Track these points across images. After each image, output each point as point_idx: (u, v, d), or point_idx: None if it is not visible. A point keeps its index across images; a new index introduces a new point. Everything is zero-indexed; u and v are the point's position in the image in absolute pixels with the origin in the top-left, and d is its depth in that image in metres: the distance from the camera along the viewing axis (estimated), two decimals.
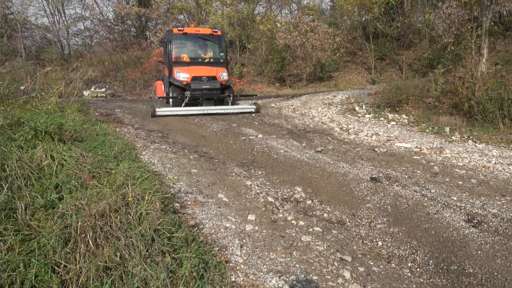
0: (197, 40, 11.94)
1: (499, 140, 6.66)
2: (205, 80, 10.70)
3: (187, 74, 10.69)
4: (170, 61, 11.23)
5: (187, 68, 10.99)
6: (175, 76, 10.79)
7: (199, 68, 11.19)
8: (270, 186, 5.01)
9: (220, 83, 10.83)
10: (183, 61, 11.41)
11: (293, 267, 3.17)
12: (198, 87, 10.46)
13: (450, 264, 3.18)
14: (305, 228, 3.89)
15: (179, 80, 10.69)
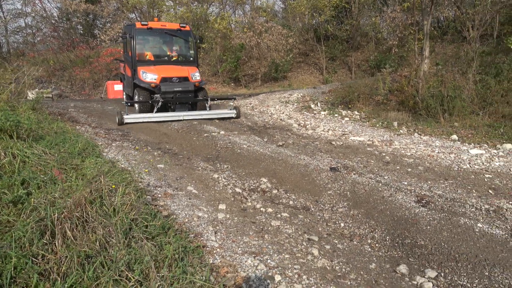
0: (163, 36, 10.70)
1: (441, 132, 7.36)
2: (176, 81, 9.58)
3: (155, 74, 9.47)
4: (133, 60, 9.93)
5: (155, 68, 9.79)
6: (141, 77, 9.52)
7: (168, 67, 10.06)
8: (236, 178, 5.20)
9: (193, 84, 9.69)
10: (148, 59, 10.19)
11: (266, 248, 3.39)
12: (169, 90, 9.26)
13: (404, 239, 3.56)
14: (274, 214, 4.12)
15: (146, 82, 9.44)
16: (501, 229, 3.58)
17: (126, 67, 10.80)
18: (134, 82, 9.77)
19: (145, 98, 9.34)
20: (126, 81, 11.01)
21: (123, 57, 11.14)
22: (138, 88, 9.66)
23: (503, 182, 4.67)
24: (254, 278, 2.93)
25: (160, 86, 9.24)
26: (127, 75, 10.70)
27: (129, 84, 10.53)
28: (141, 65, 9.82)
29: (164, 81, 9.41)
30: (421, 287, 2.87)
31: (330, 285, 2.87)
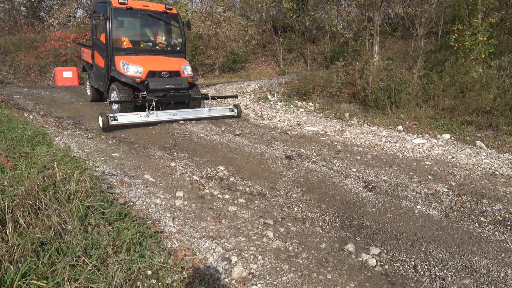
0: (146, 18, 8.72)
1: (388, 123, 7.83)
2: (166, 76, 7.86)
3: (139, 67, 7.65)
4: (109, 47, 7.98)
5: (138, 58, 7.95)
6: (121, 69, 7.69)
7: (154, 59, 8.20)
8: (194, 167, 5.25)
9: (186, 80, 8.04)
10: (127, 47, 8.28)
11: (223, 232, 3.51)
12: (159, 87, 7.59)
13: (352, 220, 3.83)
14: (231, 200, 4.25)
15: (128, 76, 7.61)
16: (437, 210, 3.96)
17: (95, 55, 8.87)
18: (110, 75, 7.95)
19: (126, 95, 7.61)
20: (95, 72, 9.11)
21: (92, 43, 9.04)
22: (116, 83, 7.79)
23: (440, 169, 5.11)
24: (211, 260, 3.05)
25: (148, 82, 7.52)
26: (97, 65, 8.81)
27: (100, 77, 8.70)
28: (120, 54, 7.98)
29: (151, 76, 7.68)
30: (365, 263, 3.13)
31: (284, 264, 3.05)
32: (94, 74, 9.22)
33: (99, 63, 8.65)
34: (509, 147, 5.91)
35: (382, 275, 2.98)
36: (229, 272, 2.90)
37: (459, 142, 6.37)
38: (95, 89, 9.56)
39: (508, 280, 2.84)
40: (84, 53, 10.40)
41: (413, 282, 2.87)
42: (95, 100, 9.82)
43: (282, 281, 2.83)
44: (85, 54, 10.15)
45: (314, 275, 2.92)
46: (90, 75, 9.66)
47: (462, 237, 3.42)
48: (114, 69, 7.89)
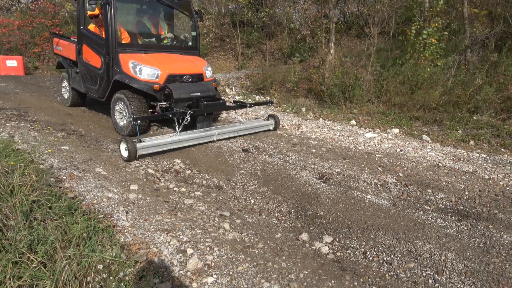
0: (155, 6, 7.10)
1: (342, 118, 8.09)
2: (188, 80, 6.26)
3: (156, 69, 5.93)
4: (111, 41, 6.14)
5: (151, 58, 6.19)
6: (131, 72, 5.93)
7: (170, 58, 6.48)
8: (149, 160, 5.13)
9: (211, 84, 6.55)
10: (133, 42, 6.60)
11: (179, 225, 3.46)
12: (185, 96, 5.97)
13: (307, 211, 3.93)
14: (187, 193, 4.20)
15: (142, 81, 5.85)
16: (386, 199, 4.16)
17: (85, 50, 6.86)
18: (114, 79, 6.13)
19: (140, 107, 5.90)
20: (83, 72, 7.10)
21: (78, 34, 7.01)
22: (124, 90, 6.04)
23: (390, 161, 5.36)
24: (166, 253, 3.00)
25: (172, 90, 5.85)
26: (87, 64, 6.85)
27: (92, 79, 6.85)
28: (125, 51, 6.22)
29: (171, 81, 6.05)
30: (319, 251, 3.23)
31: (240, 255, 3.07)
32: (80, 74, 7.18)
33: (92, 62, 6.69)
34: (452, 141, 6.32)
35: (334, 262, 3.09)
36: (185, 264, 2.88)
37: (407, 136, 6.73)
38: (77, 92, 7.71)
39: (448, 262, 3.05)
40: (59, 46, 8.14)
41: (363, 268, 3.01)
42: (75, 105, 8.00)
43: (238, 271, 2.85)
44: (62, 47, 8.01)
45: (269, 264, 2.97)
46: (71, 75, 7.53)
47: (408, 224, 3.62)
48: (119, 71, 6.06)
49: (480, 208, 3.95)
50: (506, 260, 3.08)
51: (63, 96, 8.33)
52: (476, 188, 4.44)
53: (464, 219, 3.73)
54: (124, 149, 4.91)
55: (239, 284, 2.71)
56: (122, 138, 4.95)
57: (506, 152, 5.79)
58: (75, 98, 7.91)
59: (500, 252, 3.19)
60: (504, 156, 5.63)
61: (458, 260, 3.08)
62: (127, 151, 4.87)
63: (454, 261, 3.07)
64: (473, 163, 5.30)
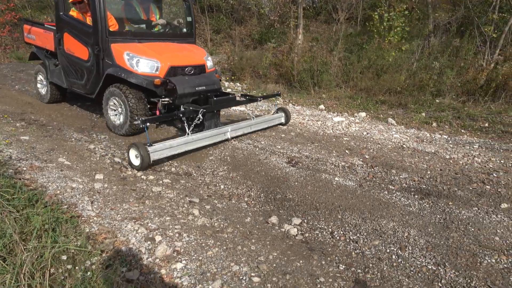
0: None
1: (311, 103, 8.17)
2: (190, 73, 5.58)
3: (156, 61, 5.23)
4: (101, 29, 5.29)
5: (148, 48, 5.45)
6: (127, 64, 5.19)
7: (168, 48, 5.75)
8: (115, 148, 5.00)
9: (215, 77, 5.89)
10: (125, 30, 5.83)
11: (147, 212, 3.41)
12: (189, 91, 5.29)
13: (276, 194, 3.97)
14: (155, 181, 4.14)
15: (141, 75, 5.13)
16: (352, 181, 4.26)
17: (67, 39, 5.93)
18: (107, 72, 5.33)
19: (139, 104, 5.20)
20: (64, 65, 6.17)
21: (57, 20, 6.06)
22: (119, 84, 5.30)
23: (357, 144, 5.49)
24: (134, 241, 2.96)
25: (175, 84, 5.16)
26: (71, 55, 5.92)
27: (77, 73, 5.96)
28: (116, 40, 5.41)
29: (172, 74, 5.35)
30: (287, 233, 3.28)
31: (209, 240, 3.07)
32: (61, 67, 6.27)
33: (76, 53, 5.79)
34: (416, 123, 6.54)
35: (302, 242, 3.15)
36: (153, 251, 2.85)
37: (374, 120, 6.89)
38: (56, 87, 6.78)
39: (410, 238, 3.18)
40: (32, 34, 7.02)
41: (330, 247, 3.08)
42: (55, 101, 7.04)
43: (207, 256, 2.86)
44: (36, 36, 6.90)
45: (238, 248, 2.99)
46: (49, 68, 6.60)
47: (373, 204, 3.74)
48: (111, 64, 5.31)
49: (441, 186, 4.13)
50: (464, 234, 3.25)
51: (39, 92, 7.16)
52: (437, 168, 4.63)
53: (426, 197, 3.89)
54: (135, 157, 4.26)
55: (208, 268, 2.72)
56: (131, 145, 4.26)
57: (465, 133, 6.05)
58: (55, 93, 6.89)
59: (459, 227, 3.36)
60: (464, 136, 5.88)
61: (420, 236, 3.21)
62: (138, 158, 4.22)
63: (416, 237, 3.20)
64: (435, 144, 5.51)
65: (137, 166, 4.27)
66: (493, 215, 3.54)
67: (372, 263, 2.87)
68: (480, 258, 2.94)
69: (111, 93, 5.35)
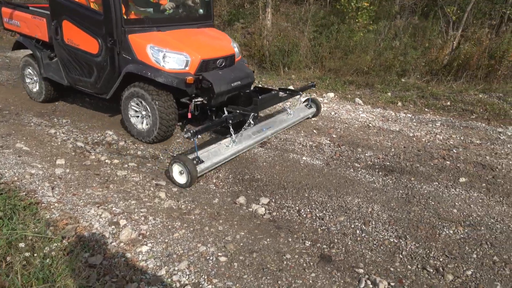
0: None
1: (281, 84, 8.15)
2: (221, 65, 4.75)
3: (185, 55, 4.35)
4: (114, 17, 4.28)
5: (171, 37, 4.56)
6: (151, 60, 4.28)
7: (192, 35, 4.88)
8: (78, 133, 4.82)
9: (247, 67, 5.22)
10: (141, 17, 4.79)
11: (111, 197, 3.33)
12: (226, 88, 4.53)
13: (244, 175, 3.97)
14: (120, 165, 4.03)
15: (169, 72, 4.26)
16: (319, 160, 4.32)
17: (67, 28, 4.82)
18: (127, 71, 4.39)
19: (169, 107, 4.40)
20: (64, 59, 5.09)
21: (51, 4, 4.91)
22: (143, 84, 4.38)
23: (324, 124, 5.54)
24: (97, 226, 2.89)
25: (212, 82, 4.36)
26: (76, 48, 4.83)
27: (83, 69, 4.92)
28: (134, 30, 4.43)
29: (204, 68, 4.52)
30: (255, 212, 3.29)
31: (176, 222, 3.04)
32: (60, 61, 5.22)
33: (82, 45, 4.74)
34: (382, 103, 6.67)
35: (270, 221, 3.17)
36: (117, 235, 2.80)
37: (342, 100, 6.97)
38: (52, 83, 5.66)
39: (374, 213, 3.27)
40: (15, 20, 5.73)
41: (297, 225, 3.13)
42: (50, 100, 5.94)
43: (174, 238, 2.83)
44: (21, 22, 5.64)
45: (206, 229, 2.98)
46: (42, 61, 5.46)
47: (339, 181, 3.81)
48: (131, 59, 4.37)
49: (404, 163, 4.26)
50: (425, 208, 3.37)
51: (29, 89, 5.98)
52: (401, 145, 4.76)
53: (390, 173, 4.00)
54: (179, 173, 3.66)
55: (175, 250, 2.70)
56: (176, 159, 3.59)
57: (429, 112, 6.24)
58: (50, 91, 5.77)
59: (420, 201, 3.49)
60: (427, 115, 6.06)
61: (383, 211, 3.31)
62: (184, 176, 3.61)
63: (379, 212, 3.30)
64: (400, 123, 5.65)
65: (182, 184, 3.64)
66: (452, 189, 3.70)
67: (337, 239, 2.94)
68: (439, 229, 3.07)
69: (132, 94, 4.47)
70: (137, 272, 2.45)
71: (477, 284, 2.50)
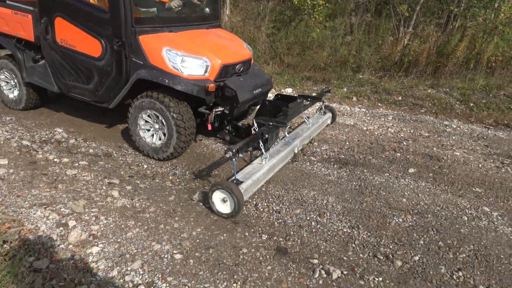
0: None
1: None
2: (239, 70, 4.25)
3: (204, 59, 3.87)
4: (123, 15, 3.70)
5: (188, 40, 4.07)
6: (170, 65, 3.76)
7: (206, 38, 4.40)
8: (24, 131, 4.55)
9: (265, 73, 4.74)
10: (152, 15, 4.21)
11: (59, 197, 3.17)
12: (249, 96, 4.08)
13: (202, 171, 3.92)
14: (70, 163, 3.85)
15: (188, 80, 3.76)
16: None
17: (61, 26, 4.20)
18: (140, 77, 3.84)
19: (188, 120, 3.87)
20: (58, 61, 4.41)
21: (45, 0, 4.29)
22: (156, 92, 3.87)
23: None
24: (44, 228, 2.74)
25: (236, 91, 3.88)
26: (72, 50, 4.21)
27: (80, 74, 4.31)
28: (145, 31, 3.91)
29: (223, 75, 4.04)
30: (211, 208, 3.26)
31: (129, 221, 2.95)
32: (49, 64, 4.58)
33: (80, 47, 4.15)
34: (338, 98, 6.84)
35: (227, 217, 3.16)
36: (66, 237, 2.67)
37: None
38: (35, 89, 4.94)
39: (329, 205, 3.35)
40: None
41: (254, 219, 3.14)
42: (32, 108, 5.19)
43: (127, 237, 2.75)
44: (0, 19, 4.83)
45: (161, 227, 2.92)
46: (24, 63, 4.71)
47: (296, 175, 3.86)
48: (143, 64, 3.84)
49: (358, 155, 4.40)
50: (376, 198, 3.50)
51: (5, 95, 5.16)
52: (355, 139, 4.91)
53: (344, 166, 4.11)
54: (222, 201, 3.12)
55: (128, 250, 2.62)
56: (216, 186, 3.09)
57: (382, 106, 6.48)
58: (32, 98, 5.03)
59: (372, 192, 3.61)
60: (380, 109, 6.30)
61: (337, 203, 3.40)
62: (228, 203, 3.08)
63: (334, 204, 3.38)
64: (355, 117, 5.83)
65: (227, 214, 3.10)
66: (401, 179, 3.87)
67: (293, 231, 2.99)
68: (389, 218, 3.20)
69: (145, 106, 3.91)
70: (86, 274, 2.35)
71: (423, 268, 2.64)
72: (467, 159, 4.44)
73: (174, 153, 3.96)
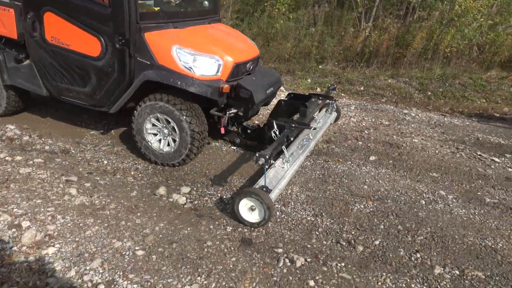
0: None
1: None
2: (249, 69, 4.01)
3: (217, 58, 3.57)
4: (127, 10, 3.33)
5: (196, 37, 3.80)
6: (181, 66, 3.44)
7: (213, 35, 4.12)
8: None
9: (274, 71, 4.59)
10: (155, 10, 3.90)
11: (12, 198, 3.01)
12: (263, 97, 3.86)
13: (165, 165, 3.84)
14: (24, 162, 3.65)
15: (200, 80, 3.47)
16: (241, 146, 4.33)
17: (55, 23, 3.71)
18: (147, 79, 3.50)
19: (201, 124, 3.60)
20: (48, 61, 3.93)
21: None
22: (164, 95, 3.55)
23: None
24: None
25: (252, 91, 3.63)
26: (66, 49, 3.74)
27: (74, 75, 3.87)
28: (150, 26, 3.56)
29: (235, 74, 3.77)
30: (176, 202, 3.21)
31: (88, 219, 2.85)
32: (36, 65, 4.11)
33: (74, 45, 3.72)
34: (302, 89, 6.90)
35: (191, 210, 3.12)
36: (19, 239, 2.54)
37: None
38: (17, 92, 4.41)
39: (293, 195, 3.39)
40: None
41: (219, 211, 3.11)
42: (13, 113, 4.66)
43: (86, 236, 2.65)
44: None
45: (122, 223, 2.84)
46: (5, 64, 4.21)
47: None
48: (149, 64, 3.51)
49: (321, 145, 4.46)
50: (339, 186, 3.58)
51: None
52: None
53: (308, 155, 4.16)
54: (250, 210, 2.90)
55: (86, 248, 2.52)
56: (244, 193, 2.87)
57: (345, 96, 6.61)
58: (14, 102, 4.49)
59: (335, 180, 3.68)
60: (344, 99, 6.42)
61: (301, 192, 3.44)
62: (257, 212, 2.88)
63: (298, 193, 3.42)
64: None
65: (256, 223, 2.90)
66: (363, 167, 3.97)
67: None
68: (351, 205, 3.28)
69: (152, 109, 3.60)
70: (42, 276, 2.25)
71: (383, 252, 2.72)
72: (425, 145, 4.62)
73: (185, 159, 3.70)
